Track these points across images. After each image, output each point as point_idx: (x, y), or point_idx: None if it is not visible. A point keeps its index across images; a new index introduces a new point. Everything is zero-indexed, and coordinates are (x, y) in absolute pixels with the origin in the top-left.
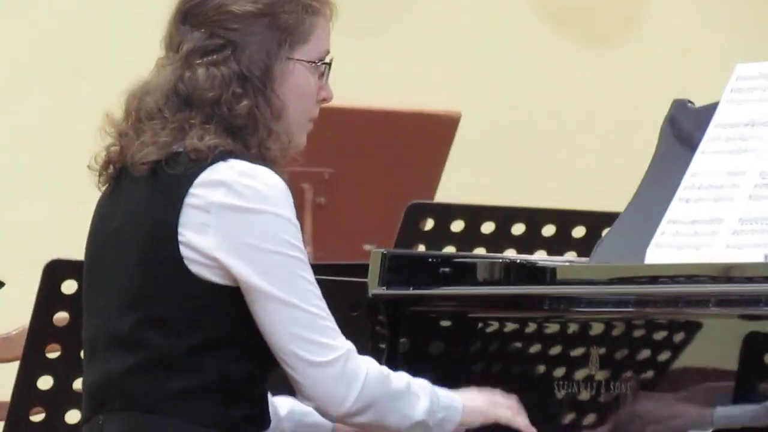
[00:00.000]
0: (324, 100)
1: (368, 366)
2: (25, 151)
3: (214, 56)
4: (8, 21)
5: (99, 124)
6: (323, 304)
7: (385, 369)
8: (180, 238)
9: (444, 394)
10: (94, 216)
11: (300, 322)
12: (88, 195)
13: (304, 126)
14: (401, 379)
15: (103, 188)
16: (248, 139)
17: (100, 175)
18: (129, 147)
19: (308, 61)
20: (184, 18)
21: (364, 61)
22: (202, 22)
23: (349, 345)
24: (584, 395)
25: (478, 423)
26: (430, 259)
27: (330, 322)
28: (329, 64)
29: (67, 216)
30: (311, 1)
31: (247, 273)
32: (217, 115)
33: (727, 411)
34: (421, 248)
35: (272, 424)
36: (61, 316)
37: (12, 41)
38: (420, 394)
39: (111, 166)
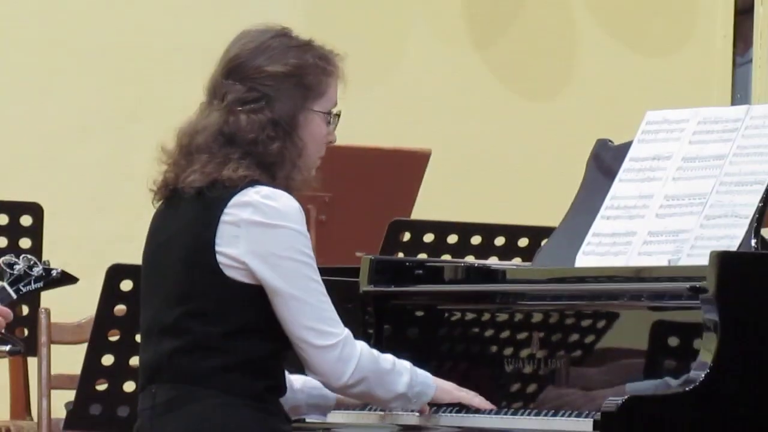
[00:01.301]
0: (330, 142)
1: (362, 349)
2: (95, 179)
3: (253, 105)
4: (79, 74)
5: (149, 158)
6: (327, 299)
7: (375, 351)
8: (217, 248)
9: (421, 373)
10: (150, 228)
11: (308, 314)
12: (142, 214)
13: (315, 163)
14: (388, 360)
15: (158, 205)
16: (277, 172)
17: (155, 195)
18: (181, 173)
19: (323, 112)
20: (229, 74)
21: (356, 109)
22: (243, 78)
23: (347, 332)
24: (528, 369)
25: (446, 400)
26: (407, 264)
27: (332, 313)
28: (338, 115)
29: (125, 230)
30: (327, 65)
31: (268, 275)
32: (253, 153)
33: (637, 384)
34: (401, 255)
35: (288, 395)
36: (120, 308)
37: (80, 91)
38: (402, 371)
39: (165, 188)
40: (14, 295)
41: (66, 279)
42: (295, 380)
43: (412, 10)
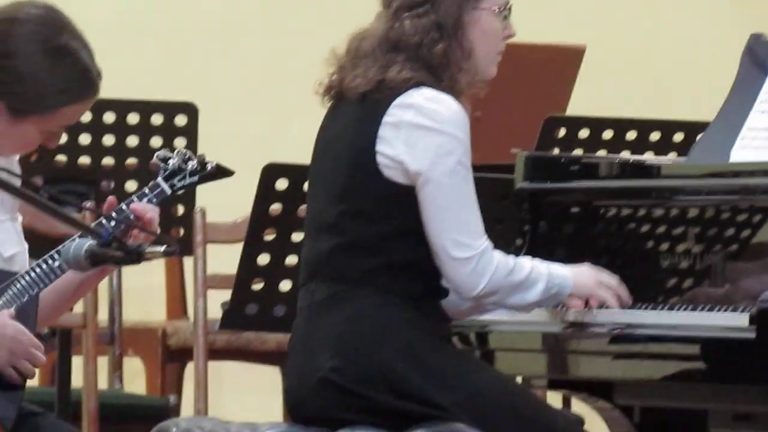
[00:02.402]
0: (508, 36)
1: (498, 262)
2: (250, 78)
3: (418, 9)
4: None
5: (307, 57)
6: (474, 209)
7: (511, 261)
8: (377, 148)
9: (558, 274)
10: (320, 129)
11: (451, 223)
12: (297, 113)
13: (494, 59)
14: (523, 269)
15: (327, 105)
16: (441, 74)
17: (323, 97)
18: (346, 77)
19: (492, 9)
20: None
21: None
22: None
23: (486, 245)
24: (683, 265)
25: (584, 297)
26: (562, 160)
27: (476, 226)
28: (509, 8)
29: (278, 130)
30: None
31: (423, 178)
32: (418, 56)
33: None
34: (556, 151)
35: (457, 299)
36: (276, 207)
37: None
38: (538, 279)
39: (332, 90)
40: (169, 190)
41: (221, 172)
42: None
43: None
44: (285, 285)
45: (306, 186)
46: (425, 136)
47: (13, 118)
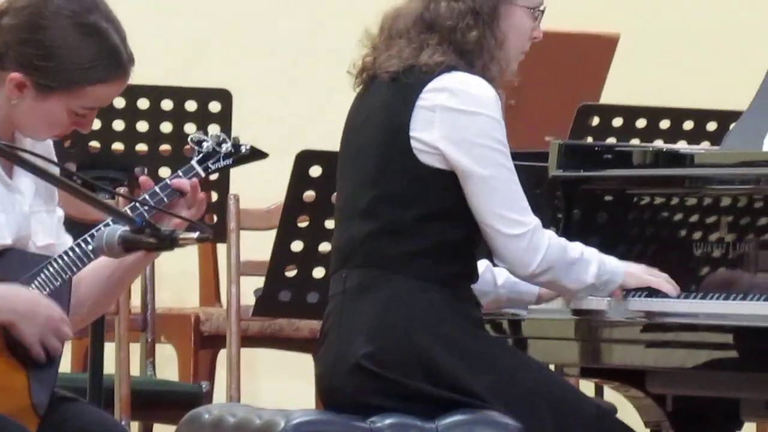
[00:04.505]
0: (535, 38)
1: (550, 239)
2: (288, 59)
3: None
4: None
5: (340, 39)
6: (519, 187)
7: (563, 240)
8: (411, 132)
9: (609, 260)
10: (350, 111)
11: (499, 201)
12: (331, 96)
13: (518, 57)
14: (576, 249)
15: (358, 89)
16: (473, 61)
17: (356, 78)
18: (379, 57)
19: (527, 7)
20: None
21: None
22: None
23: (536, 221)
24: (716, 253)
25: (634, 285)
26: (596, 148)
27: (523, 202)
28: (542, 11)
29: (317, 111)
30: None
31: (462, 161)
32: (451, 40)
33: None
34: (590, 140)
35: (490, 289)
36: (310, 194)
37: None
38: (591, 261)
39: (364, 72)
40: (202, 173)
41: (255, 154)
42: (498, 274)
43: None
44: (318, 272)
45: None
46: (461, 118)
47: (39, 95)
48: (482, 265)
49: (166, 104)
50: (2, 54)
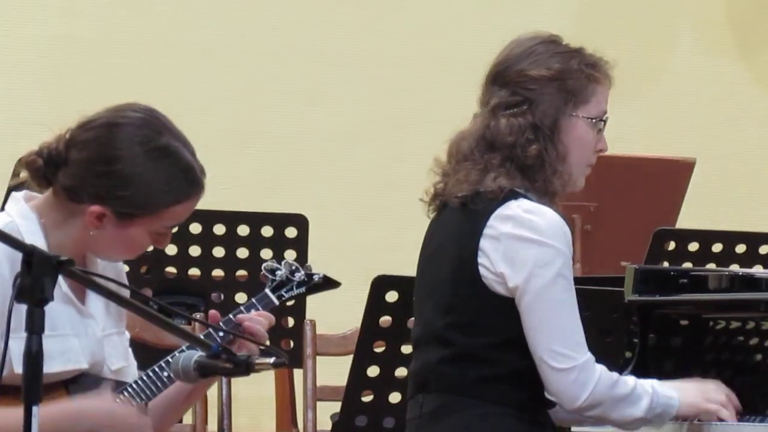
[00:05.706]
0: (600, 150)
1: (600, 374)
2: (361, 189)
3: (514, 109)
4: (346, 84)
5: (415, 168)
6: (576, 321)
7: (615, 375)
8: (479, 260)
9: (663, 393)
10: (425, 238)
11: (551, 334)
12: (407, 224)
13: (584, 170)
14: (627, 384)
15: (432, 216)
16: (535, 176)
17: (429, 206)
18: (449, 183)
19: (588, 118)
20: (494, 79)
21: (620, 118)
22: (506, 82)
23: (588, 357)
24: None
25: (691, 415)
26: (672, 273)
27: (577, 336)
28: (605, 121)
29: (391, 240)
30: (594, 71)
31: (522, 289)
32: (512, 156)
33: None
34: (666, 264)
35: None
36: (386, 319)
37: (348, 102)
38: (642, 396)
39: (437, 199)
40: (276, 301)
41: (328, 283)
42: None
43: (676, 20)
44: (394, 397)
45: None
46: (524, 247)
47: (120, 222)
48: None
49: (242, 230)
50: (76, 187)
